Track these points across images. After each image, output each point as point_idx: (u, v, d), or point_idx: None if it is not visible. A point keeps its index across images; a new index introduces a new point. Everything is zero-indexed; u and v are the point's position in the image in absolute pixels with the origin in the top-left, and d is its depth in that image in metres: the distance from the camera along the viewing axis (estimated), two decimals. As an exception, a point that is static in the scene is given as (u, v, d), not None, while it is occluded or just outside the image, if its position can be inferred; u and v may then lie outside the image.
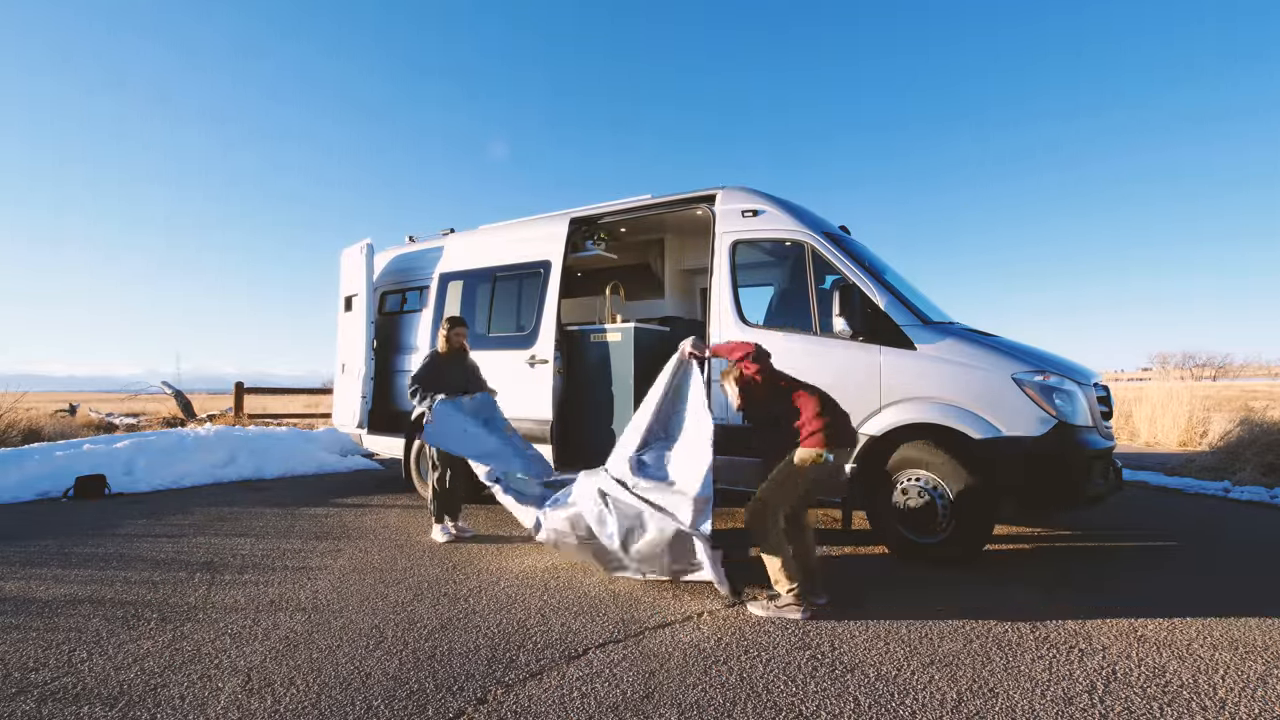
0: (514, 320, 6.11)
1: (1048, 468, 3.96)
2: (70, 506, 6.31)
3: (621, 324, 5.70)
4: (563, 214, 6.05)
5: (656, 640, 3.01)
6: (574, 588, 3.75)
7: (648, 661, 2.78)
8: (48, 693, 2.51)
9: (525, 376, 5.74)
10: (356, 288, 7.08)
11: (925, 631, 3.08)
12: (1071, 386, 4.09)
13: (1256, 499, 6.51)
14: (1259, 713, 2.34)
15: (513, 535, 5.09)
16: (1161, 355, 38.30)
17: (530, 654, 2.86)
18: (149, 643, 2.98)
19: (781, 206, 4.91)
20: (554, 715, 2.35)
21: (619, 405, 5.58)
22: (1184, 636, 3.02)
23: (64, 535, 5.07)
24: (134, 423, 13.25)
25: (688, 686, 2.56)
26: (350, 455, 9.48)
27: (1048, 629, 3.11)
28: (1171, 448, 10.40)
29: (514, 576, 3.99)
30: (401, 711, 2.37)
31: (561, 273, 5.76)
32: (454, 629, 3.15)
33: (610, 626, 3.17)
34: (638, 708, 2.40)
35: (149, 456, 7.74)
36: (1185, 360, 41.46)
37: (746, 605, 3.36)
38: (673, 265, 7.15)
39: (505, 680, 2.61)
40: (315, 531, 5.30)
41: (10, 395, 10.24)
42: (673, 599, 3.56)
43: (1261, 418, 9.19)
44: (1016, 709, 2.37)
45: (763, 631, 3.11)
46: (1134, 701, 2.42)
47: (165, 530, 5.29)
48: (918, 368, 4.20)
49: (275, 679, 2.62)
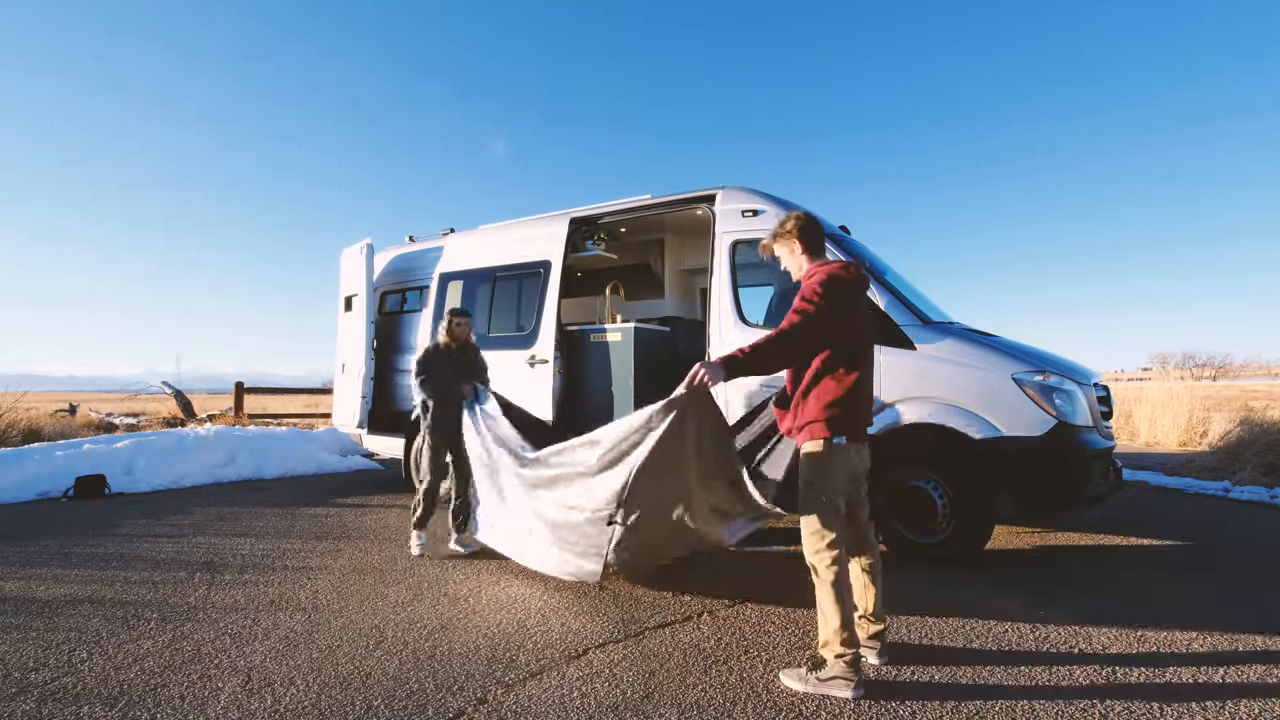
0: (514, 320, 6.11)
1: (1048, 468, 3.96)
2: (70, 506, 6.31)
3: (621, 324, 5.70)
4: (563, 214, 6.05)
5: (656, 640, 3.01)
6: (574, 588, 3.75)
7: (648, 661, 2.78)
8: (48, 693, 2.51)
9: (525, 376, 5.73)
10: (356, 288, 7.09)
11: (925, 631, 3.08)
12: (1071, 386, 4.09)
13: (1256, 499, 6.51)
14: (1259, 712, 2.34)
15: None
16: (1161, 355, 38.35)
17: (530, 654, 2.86)
18: (149, 643, 2.98)
19: (782, 206, 4.91)
20: (554, 715, 2.35)
21: (619, 405, 5.58)
22: (1184, 636, 3.02)
23: (64, 535, 5.07)
24: (134, 423, 13.25)
25: (688, 686, 2.56)
26: (350, 455, 9.48)
27: (1048, 629, 3.11)
28: (1171, 448, 10.40)
29: (514, 576, 3.99)
30: (401, 711, 2.37)
31: (561, 273, 5.76)
32: (454, 629, 3.15)
33: (610, 626, 3.17)
34: (638, 708, 2.40)
35: (149, 456, 7.74)
36: (1185, 360, 41.52)
37: (780, 676, 2.60)
38: (673, 265, 7.15)
39: (505, 680, 2.61)
40: (315, 531, 5.30)
41: (10, 395, 10.25)
42: (673, 599, 3.56)
43: (1261, 418, 9.19)
44: (1016, 709, 2.37)
45: (763, 631, 3.11)
46: (1134, 701, 2.42)
47: (165, 530, 5.29)
48: (918, 368, 4.20)
49: (275, 679, 2.62)
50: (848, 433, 2.55)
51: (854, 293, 2.61)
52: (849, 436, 2.55)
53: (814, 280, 2.58)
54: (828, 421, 2.52)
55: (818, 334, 2.51)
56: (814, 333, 2.50)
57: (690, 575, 3.93)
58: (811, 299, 2.50)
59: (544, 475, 3.69)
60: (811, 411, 2.55)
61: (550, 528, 3.61)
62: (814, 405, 2.55)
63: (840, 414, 2.53)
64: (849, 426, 2.55)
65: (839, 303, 2.53)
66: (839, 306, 2.53)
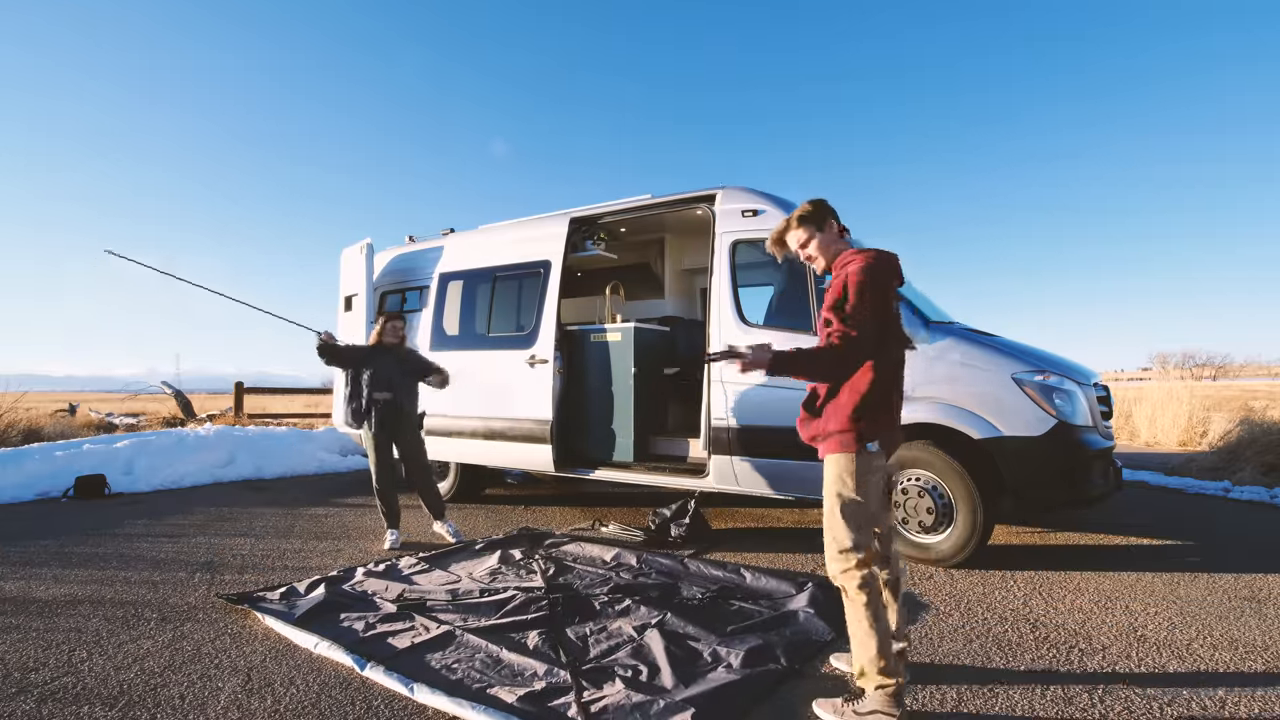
0: (514, 320, 6.11)
1: (1048, 468, 3.96)
2: (70, 506, 6.31)
3: (621, 324, 5.70)
4: (563, 214, 6.05)
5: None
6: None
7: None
8: (48, 693, 2.51)
9: (525, 376, 5.73)
10: (356, 287, 7.08)
11: (925, 631, 3.08)
12: (1071, 386, 4.10)
13: (1256, 499, 6.50)
14: (1259, 712, 2.34)
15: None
16: (1161, 355, 38.32)
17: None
18: (149, 643, 2.98)
19: (782, 206, 4.91)
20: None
21: (619, 405, 5.58)
22: (1184, 636, 3.02)
23: (64, 535, 5.07)
24: (134, 423, 13.25)
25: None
26: (350, 455, 9.48)
27: (1048, 629, 3.11)
28: (1171, 448, 10.40)
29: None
30: (401, 711, 2.37)
31: (561, 273, 5.76)
32: (454, 629, 3.14)
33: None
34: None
35: (149, 456, 7.74)
36: (1185, 360, 41.52)
37: (814, 706, 2.35)
38: (673, 265, 7.15)
39: (505, 680, 2.61)
40: (315, 531, 5.30)
41: (10, 395, 10.24)
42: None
43: (1261, 418, 9.18)
44: (1017, 709, 2.37)
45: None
46: (1134, 701, 2.41)
47: (165, 530, 5.29)
48: (917, 367, 4.20)
49: (275, 679, 2.62)
50: (880, 438, 2.31)
51: (891, 285, 2.37)
52: (882, 443, 2.32)
53: (857, 275, 2.29)
54: (860, 428, 2.27)
55: (872, 344, 2.26)
56: (869, 346, 2.25)
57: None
58: (860, 304, 2.24)
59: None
60: (843, 416, 2.29)
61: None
62: (846, 409, 2.29)
63: (875, 420, 2.29)
64: (882, 432, 2.32)
65: (880, 300, 2.29)
66: (880, 305, 2.28)
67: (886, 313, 2.32)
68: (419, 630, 3.02)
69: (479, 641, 2.87)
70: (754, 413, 4.63)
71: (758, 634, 2.96)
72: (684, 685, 2.48)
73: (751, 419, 4.64)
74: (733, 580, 3.80)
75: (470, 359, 6.19)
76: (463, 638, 2.92)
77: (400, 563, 4.17)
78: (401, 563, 4.17)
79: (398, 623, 3.12)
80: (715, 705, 2.34)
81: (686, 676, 2.56)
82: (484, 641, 2.86)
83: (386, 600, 3.43)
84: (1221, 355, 46.04)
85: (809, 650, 2.83)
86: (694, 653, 2.78)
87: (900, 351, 2.43)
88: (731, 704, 2.37)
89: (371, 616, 3.20)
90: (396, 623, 3.12)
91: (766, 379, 4.44)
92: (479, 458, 6.19)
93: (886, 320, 2.32)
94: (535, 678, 2.55)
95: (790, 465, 4.46)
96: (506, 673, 2.61)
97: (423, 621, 3.11)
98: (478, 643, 2.86)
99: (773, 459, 4.57)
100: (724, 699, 2.40)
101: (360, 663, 2.69)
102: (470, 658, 2.74)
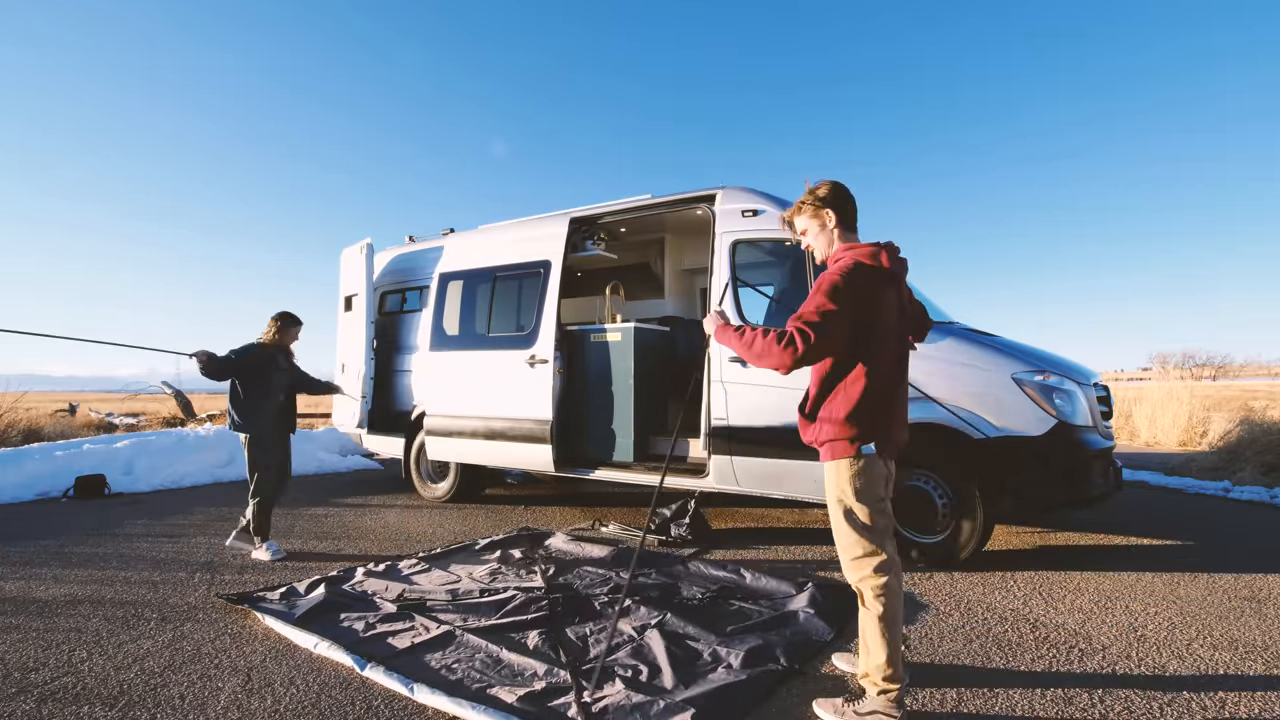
0: (514, 320, 6.10)
1: (1048, 467, 3.96)
2: (70, 506, 6.31)
3: (621, 324, 5.70)
4: (563, 214, 6.05)
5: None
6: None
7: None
8: (48, 693, 2.51)
9: (525, 376, 5.73)
10: (356, 287, 7.08)
11: (925, 631, 3.08)
12: (1071, 386, 4.09)
13: (1256, 499, 6.51)
14: (1259, 712, 2.34)
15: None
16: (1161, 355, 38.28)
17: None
18: (149, 643, 2.98)
19: (782, 206, 4.91)
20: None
21: (619, 405, 5.58)
22: (1184, 636, 3.02)
23: (64, 535, 5.07)
24: (134, 423, 13.25)
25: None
26: (350, 455, 9.49)
27: (1048, 629, 3.11)
28: (1171, 448, 10.40)
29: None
30: (401, 711, 2.37)
31: (561, 272, 5.76)
32: (454, 629, 3.14)
33: (610, 626, 3.16)
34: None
35: (149, 456, 7.74)
36: (1185, 360, 41.50)
37: (814, 705, 2.35)
38: (673, 265, 7.14)
39: (505, 680, 2.61)
40: (315, 531, 5.30)
41: (10, 395, 10.25)
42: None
43: (1261, 418, 9.19)
44: (1017, 709, 2.37)
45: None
46: (1134, 701, 2.41)
47: (165, 530, 5.29)
48: (918, 367, 4.19)
49: (275, 679, 2.62)
50: (877, 441, 2.23)
51: (883, 285, 2.26)
52: (880, 445, 2.24)
53: (835, 273, 2.21)
54: (854, 432, 2.21)
55: (825, 349, 2.18)
56: (816, 347, 2.15)
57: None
58: (826, 303, 2.15)
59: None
60: (837, 420, 2.23)
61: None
62: (839, 413, 2.23)
63: (871, 422, 2.22)
64: (878, 435, 2.24)
65: (864, 300, 2.19)
66: (864, 304, 2.19)
67: (874, 313, 2.23)
68: (419, 630, 3.03)
69: (479, 641, 2.87)
70: (754, 413, 4.63)
71: (758, 634, 2.97)
72: (684, 685, 2.49)
73: (751, 419, 4.64)
74: (733, 580, 3.80)
75: (470, 359, 6.19)
76: (463, 638, 2.92)
77: (400, 563, 4.17)
78: (401, 563, 4.17)
79: (398, 623, 3.13)
80: (715, 705, 2.34)
81: (686, 677, 2.56)
82: (484, 641, 2.87)
83: (386, 600, 3.43)
84: (1221, 355, 46.10)
85: (809, 650, 2.84)
86: (694, 653, 2.79)
87: (899, 348, 2.35)
88: (731, 704, 2.37)
89: (371, 616, 3.20)
90: (396, 623, 3.13)
91: (770, 380, 4.44)
92: (479, 458, 6.19)
93: (873, 322, 2.23)
94: (535, 678, 2.56)
95: (790, 465, 4.46)
96: (506, 673, 2.61)
97: (423, 621, 3.12)
98: (478, 643, 2.86)
99: (773, 459, 4.57)
100: (724, 699, 2.40)
101: (360, 663, 2.69)
102: (470, 658, 2.74)
